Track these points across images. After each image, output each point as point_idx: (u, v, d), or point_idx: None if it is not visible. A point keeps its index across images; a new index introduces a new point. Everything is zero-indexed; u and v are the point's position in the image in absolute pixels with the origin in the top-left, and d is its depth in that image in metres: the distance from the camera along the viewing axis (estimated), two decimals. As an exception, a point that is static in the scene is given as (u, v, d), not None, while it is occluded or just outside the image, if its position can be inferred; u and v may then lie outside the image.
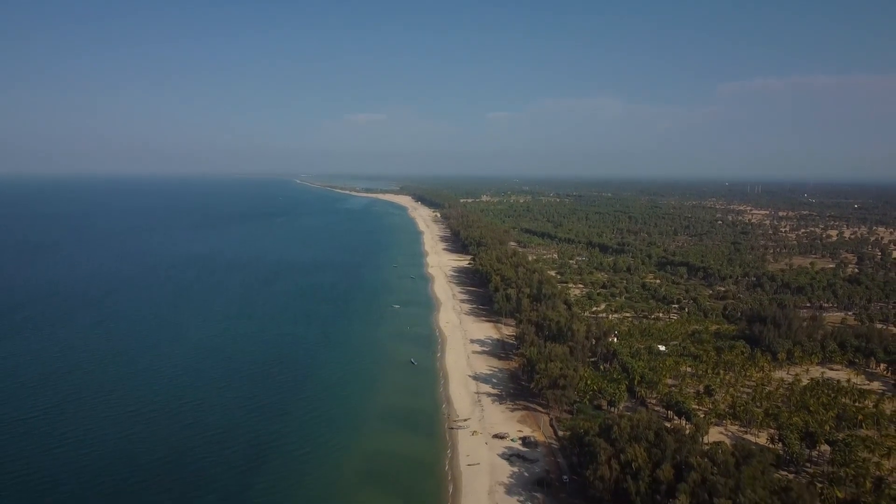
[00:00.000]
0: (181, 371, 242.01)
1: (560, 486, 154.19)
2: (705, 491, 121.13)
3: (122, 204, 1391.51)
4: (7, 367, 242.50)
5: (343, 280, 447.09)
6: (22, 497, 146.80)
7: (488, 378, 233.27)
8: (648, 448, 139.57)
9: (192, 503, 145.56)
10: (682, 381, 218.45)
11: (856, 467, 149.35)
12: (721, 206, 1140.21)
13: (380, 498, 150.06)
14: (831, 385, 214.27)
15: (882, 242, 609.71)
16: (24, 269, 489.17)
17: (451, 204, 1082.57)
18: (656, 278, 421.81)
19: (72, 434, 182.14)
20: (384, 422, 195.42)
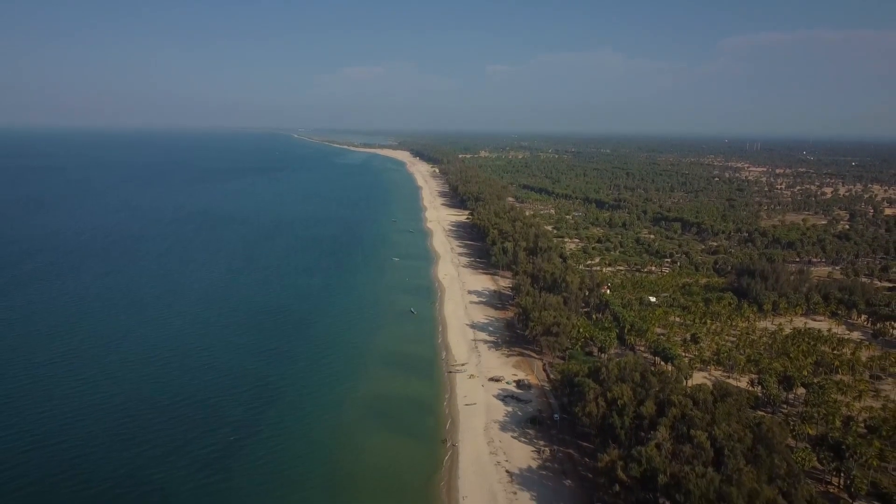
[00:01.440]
0: (189, 319, 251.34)
1: (551, 423, 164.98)
2: (684, 425, 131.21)
3: (117, 158, 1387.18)
4: (21, 316, 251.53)
5: (343, 234, 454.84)
6: (45, 434, 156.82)
7: (485, 326, 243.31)
8: (634, 388, 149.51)
9: (207, 436, 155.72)
10: (670, 330, 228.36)
11: (827, 407, 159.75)
12: (719, 163, 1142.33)
13: (383, 434, 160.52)
14: (812, 334, 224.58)
15: (875, 199, 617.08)
16: (24, 221, 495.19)
17: (450, 159, 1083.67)
18: (651, 233, 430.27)
19: (89, 377, 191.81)
20: (386, 366, 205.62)
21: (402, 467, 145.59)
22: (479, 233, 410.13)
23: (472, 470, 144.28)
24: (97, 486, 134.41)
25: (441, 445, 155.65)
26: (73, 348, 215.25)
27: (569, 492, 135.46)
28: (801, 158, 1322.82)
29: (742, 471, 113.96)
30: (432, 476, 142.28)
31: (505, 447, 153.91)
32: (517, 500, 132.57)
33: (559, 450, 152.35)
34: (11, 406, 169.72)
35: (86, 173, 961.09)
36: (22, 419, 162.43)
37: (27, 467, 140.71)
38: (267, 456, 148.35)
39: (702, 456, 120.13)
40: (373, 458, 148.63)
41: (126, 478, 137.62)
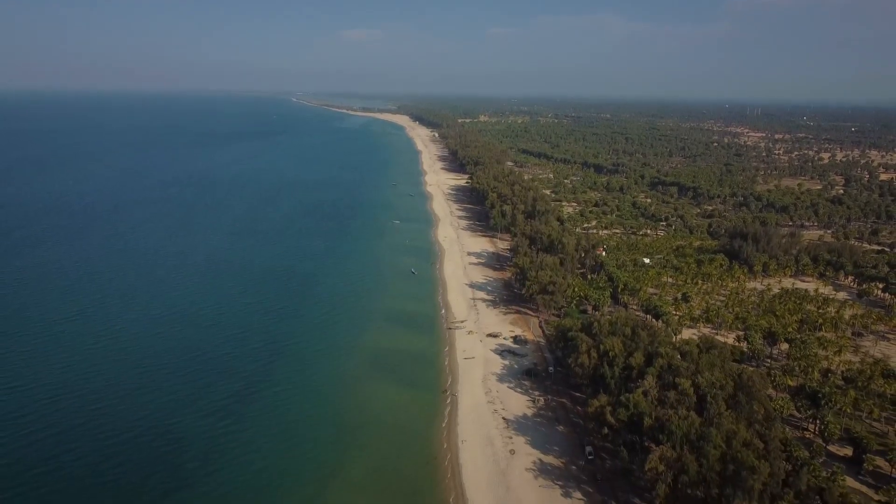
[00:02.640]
0: (196, 280, 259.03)
1: (546, 375, 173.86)
2: (670, 374, 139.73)
3: (115, 121, 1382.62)
4: (36, 275, 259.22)
5: (344, 198, 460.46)
6: (66, 385, 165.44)
7: (483, 286, 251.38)
8: (624, 341, 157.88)
9: (219, 387, 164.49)
10: (662, 289, 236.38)
11: (807, 360, 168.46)
12: (718, 129, 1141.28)
13: (386, 384, 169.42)
14: (799, 294, 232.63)
15: (872, 165, 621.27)
16: (28, 184, 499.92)
17: (450, 124, 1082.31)
18: (647, 197, 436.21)
19: (104, 333, 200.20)
20: (388, 323, 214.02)
21: (405, 414, 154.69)
22: (478, 196, 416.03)
23: (471, 417, 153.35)
24: (118, 432, 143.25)
25: (441, 395, 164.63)
26: (88, 306, 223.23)
27: (561, 436, 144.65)
28: (801, 124, 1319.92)
29: (722, 415, 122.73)
30: (433, 422, 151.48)
31: (502, 397, 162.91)
32: (513, 443, 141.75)
33: (553, 399, 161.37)
34: (34, 361, 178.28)
35: (85, 137, 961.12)
36: (44, 373, 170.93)
37: (53, 417, 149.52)
38: (277, 404, 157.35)
39: (685, 402, 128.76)
40: (377, 406, 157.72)
41: (145, 425, 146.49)
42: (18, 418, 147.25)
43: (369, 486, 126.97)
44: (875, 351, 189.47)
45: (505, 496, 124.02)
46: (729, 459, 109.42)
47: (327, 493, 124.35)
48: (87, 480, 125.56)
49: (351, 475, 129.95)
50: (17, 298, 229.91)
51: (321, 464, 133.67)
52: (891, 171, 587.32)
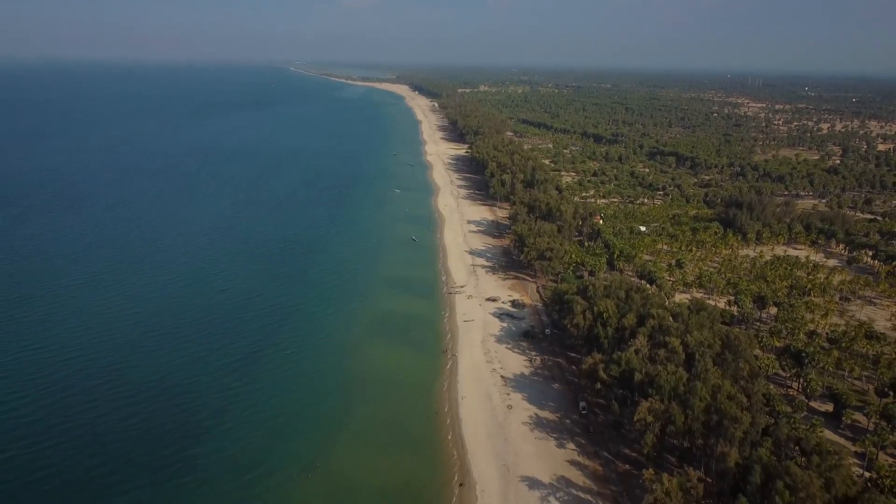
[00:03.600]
0: (202, 247, 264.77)
1: (543, 337, 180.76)
2: (661, 334, 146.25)
3: (113, 91, 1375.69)
4: (44, 242, 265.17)
5: (345, 167, 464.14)
6: (81, 346, 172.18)
7: (483, 253, 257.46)
8: (618, 303, 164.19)
9: (229, 347, 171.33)
10: (657, 256, 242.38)
11: (794, 323, 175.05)
12: (719, 99, 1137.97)
13: (389, 345, 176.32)
14: (790, 260, 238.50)
15: (870, 135, 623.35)
16: (30, 154, 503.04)
17: (449, 94, 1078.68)
18: (645, 167, 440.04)
19: (114, 298, 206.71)
20: (390, 288, 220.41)
21: (407, 373, 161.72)
22: (477, 166, 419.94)
23: (471, 375, 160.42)
24: (135, 389, 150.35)
25: (442, 355, 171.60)
26: (97, 272, 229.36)
27: (556, 393, 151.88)
28: (802, 95, 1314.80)
29: (709, 371, 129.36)
30: (435, 380, 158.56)
31: (500, 357, 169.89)
32: (510, 399, 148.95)
33: (549, 359, 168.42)
34: (51, 324, 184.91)
35: (84, 106, 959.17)
36: (62, 336, 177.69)
37: (72, 377, 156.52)
38: (285, 363, 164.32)
39: (674, 359, 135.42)
40: (381, 365, 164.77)
41: (161, 382, 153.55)
42: (40, 379, 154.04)
43: (374, 437, 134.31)
44: (861, 315, 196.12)
45: (503, 447, 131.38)
46: (713, 411, 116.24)
47: (335, 443, 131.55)
48: (108, 434, 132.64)
49: (356, 427, 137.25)
50: (30, 264, 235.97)
51: (328, 417, 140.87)
52: (889, 141, 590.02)
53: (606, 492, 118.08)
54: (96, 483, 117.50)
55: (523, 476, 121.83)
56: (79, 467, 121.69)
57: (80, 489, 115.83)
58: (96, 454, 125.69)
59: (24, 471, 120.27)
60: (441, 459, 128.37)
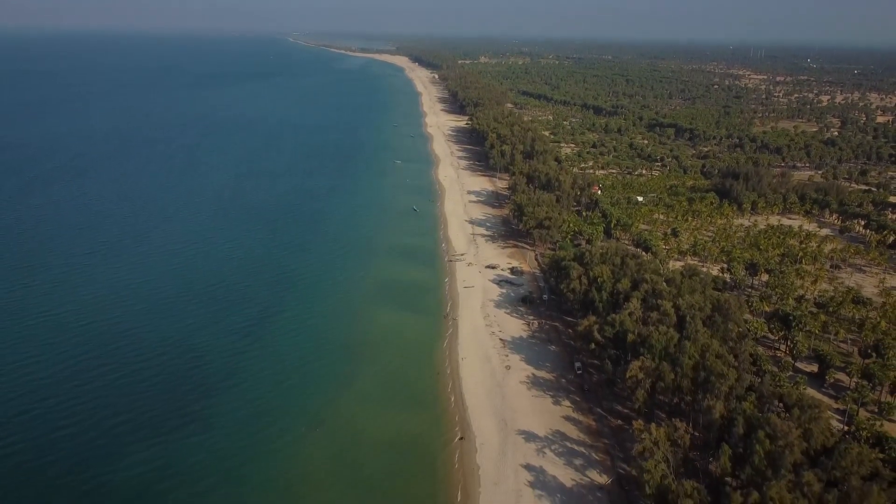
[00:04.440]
0: (207, 217, 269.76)
1: (540, 302, 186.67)
2: (654, 297, 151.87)
3: (112, 62, 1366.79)
4: (52, 213, 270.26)
5: (346, 139, 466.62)
6: (95, 311, 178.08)
7: (483, 222, 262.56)
8: (613, 269, 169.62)
9: (238, 312, 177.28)
10: (653, 225, 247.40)
11: (783, 288, 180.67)
12: (720, 71, 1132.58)
13: (392, 310, 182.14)
14: (783, 230, 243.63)
15: (870, 107, 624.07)
16: (31, 125, 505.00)
17: (449, 65, 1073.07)
18: (644, 139, 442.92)
19: (124, 265, 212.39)
20: (392, 256, 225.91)
21: (409, 336, 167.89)
22: (477, 137, 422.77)
23: (471, 338, 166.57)
24: (146, 351, 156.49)
25: (443, 320, 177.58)
26: (106, 241, 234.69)
27: (553, 354, 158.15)
28: (804, 66, 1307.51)
29: (699, 332, 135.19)
30: (436, 342, 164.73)
31: (499, 321, 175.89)
32: (509, 360, 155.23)
33: (546, 323, 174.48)
34: (62, 291, 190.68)
35: (83, 77, 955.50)
36: (74, 302, 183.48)
37: (86, 342, 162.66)
38: (291, 327, 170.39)
39: (666, 321, 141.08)
40: (384, 329, 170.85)
41: (171, 345, 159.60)
42: (57, 343, 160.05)
43: (378, 395, 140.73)
44: (850, 281, 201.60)
45: (501, 404, 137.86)
46: (701, 368, 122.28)
47: (340, 401, 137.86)
48: (126, 393, 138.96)
49: (361, 386, 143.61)
50: (39, 233, 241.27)
51: (334, 377, 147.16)
52: (888, 113, 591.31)
53: (599, 444, 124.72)
54: (116, 438, 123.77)
55: (520, 430, 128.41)
56: (99, 424, 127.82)
57: (101, 443, 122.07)
58: (116, 411, 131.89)
59: (48, 428, 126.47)
60: (443, 415, 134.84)
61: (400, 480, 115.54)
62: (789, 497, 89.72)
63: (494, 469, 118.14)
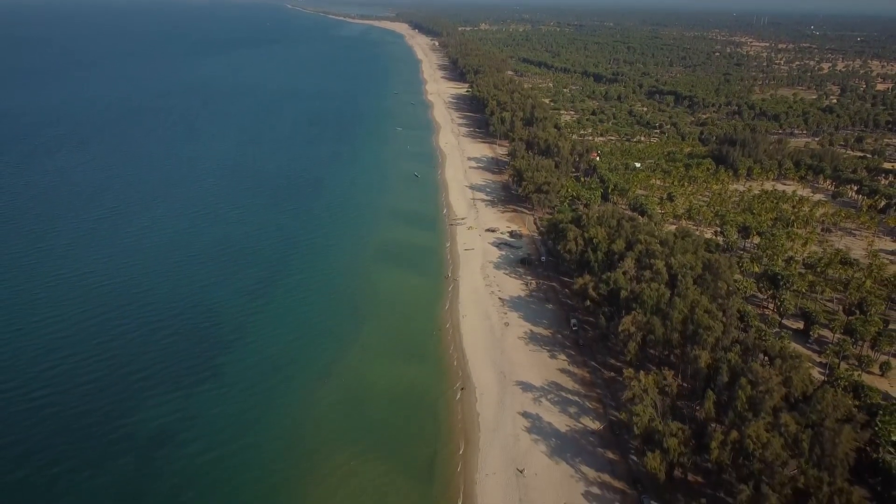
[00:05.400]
0: (212, 182, 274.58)
1: (539, 263, 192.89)
2: (647, 257, 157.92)
3: (108, 28, 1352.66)
4: (58, 180, 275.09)
5: (346, 107, 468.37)
6: (108, 271, 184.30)
7: (483, 187, 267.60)
8: (609, 231, 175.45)
9: (247, 273, 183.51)
10: (650, 191, 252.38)
11: (774, 250, 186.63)
12: (722, 38, 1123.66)
13: (394, 271, 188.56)
14: (777, 195, 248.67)
15: (871, 75, 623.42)
16: (31, 92, 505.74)
17: (450, 32, 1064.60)
18: (644, 106, 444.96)
19: (134, 229, 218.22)
20: (394, 220, 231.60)
21: (412, 295, 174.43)
22: (478, 104, 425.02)
23: (471, 298, 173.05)
24: (161, 311, 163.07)
25: (444, 280, 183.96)
26: (113, 208, 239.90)
27: (550, 312, 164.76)
28: (807, 34, 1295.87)
29: (689, 289, 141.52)
30: (438, 301, 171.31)
31: (498, 281, 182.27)
32: (507, 318, 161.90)
33: (544, 283, 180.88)
34: (76, 255, 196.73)
35: (81, 44, 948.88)
36: (87, 265, 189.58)
37: (99, 300, 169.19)
38: (298, 287, 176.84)
39: (658, 279, 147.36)
40: (387, 289, 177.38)
41: (184, 304, 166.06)
42: (72, 303, 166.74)
43: (383, 349, 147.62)
44: (840, 244, 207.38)
45: (500, 357, 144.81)
46: (690, 322, 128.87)
47: (347, 355, 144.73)
48: (142, 349, 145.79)
49: (366, 341, 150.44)
50: (48, 200, 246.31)
51: (340, 333, 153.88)
52: (888, 81, 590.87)
53: (592, 394, 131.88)
54: (138, 391, 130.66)
55: (518, 381, 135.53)
56: (122, 378, 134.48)
57: (124, 397, 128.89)
58: (136, 367, 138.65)
59: (75, 382, 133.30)
60: (444, 368, 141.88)
61: (405, 427, 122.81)
62: (766, 435, 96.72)
63: (493, 416, 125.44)
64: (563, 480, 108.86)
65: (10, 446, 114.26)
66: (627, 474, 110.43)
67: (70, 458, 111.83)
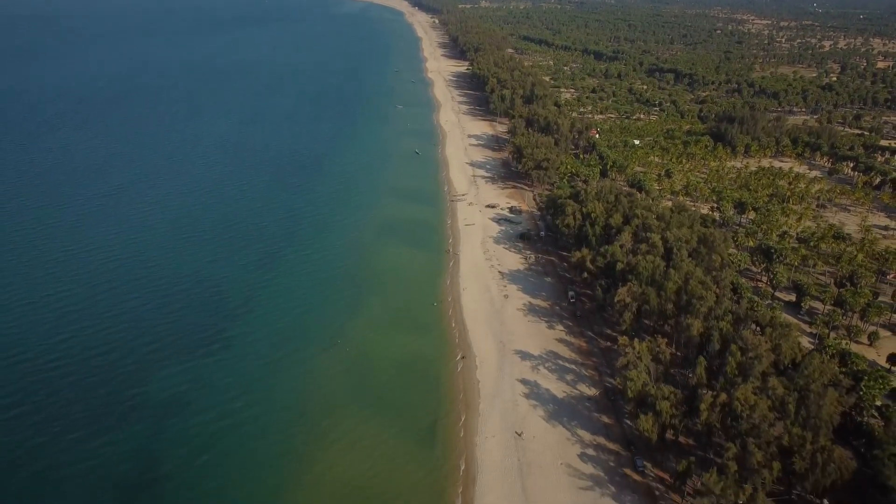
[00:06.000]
0: (215, 159, 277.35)
1: (538, 238, 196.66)
2: (644, 231, 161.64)
3: (105, 6, 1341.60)
4: (63, 156, 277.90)
5: (347, 85, 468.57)
6: (118, 238, 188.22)
7: (483, 164, 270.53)
8: (607, 206, 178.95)
9: (252, 248, 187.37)
10: (649, 167, 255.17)
11: (769, 224, 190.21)
12: (724, 15, 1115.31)
13: (397, 245, 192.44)
14: (774, 171, 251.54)
15: (872, 53, 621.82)
16: (32, 70, 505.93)
17: (450, 10, 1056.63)
18: (644, 84, 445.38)
19: (142, 203, 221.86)
20: (396, 196, 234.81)
21: (413, 269, 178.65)
22: (478, 82, 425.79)
23: (472, 271, 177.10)
24: (170, 283, 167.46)
25: (445, 255, 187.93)
26: (119, 184, 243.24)
27: (548, 285, 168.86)
28: (809, 11, 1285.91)
29: (683, 261, 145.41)
30: (439, 275, 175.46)
31: (498, 255, 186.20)
32: (507, 290, 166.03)
33: (542, 257, 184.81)
34: (86, 229, 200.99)
35: (81, 22, 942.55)
36: (94, 238, 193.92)
37: (110, 272, 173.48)
38: (302, 261, 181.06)
39: (654, 252, 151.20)
40: (389, 262, 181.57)
41: (192, 277, 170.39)
42: (84, 276, 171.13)
43: (386, 321, 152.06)
44: (834, 220, 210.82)
45: (499, 328, 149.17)
46: (684, 293, 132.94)
47: (351, 326, 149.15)
48: (154, 320, 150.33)
49: (370, 313, 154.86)
50: (53, 176, 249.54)
51: (344, 305, 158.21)
52: (889, 59, 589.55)
53: (589, 363, 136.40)
54: (149, 360, 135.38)
55: (517, 350, 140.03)
56: (133, 349, 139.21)
57: (136, 365, 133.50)
58: (146, 337, 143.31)
59: (90, 353, 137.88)
60: (445, 338, 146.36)
61: (409, 394, 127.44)
62: (754, 398, 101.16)
63: (493, 383, 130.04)
64: (559, 442, 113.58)
65: (30, 414, 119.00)
66: (621, 437, 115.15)
67: (88, 425, 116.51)
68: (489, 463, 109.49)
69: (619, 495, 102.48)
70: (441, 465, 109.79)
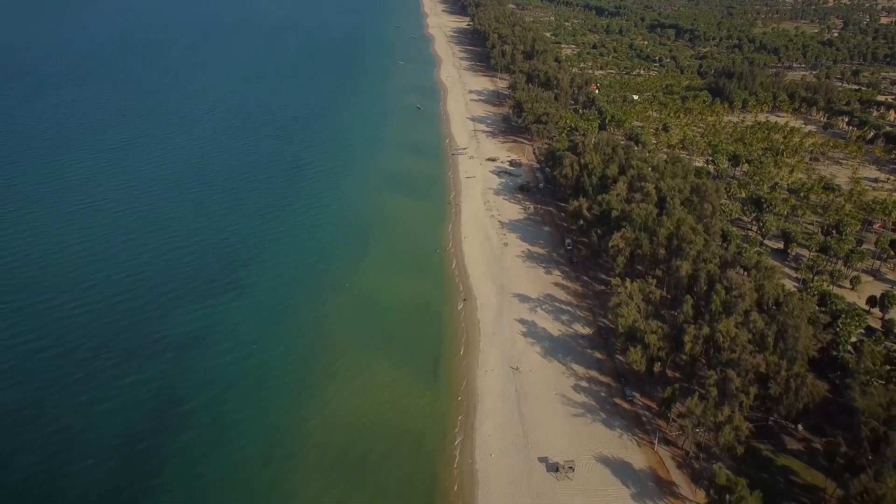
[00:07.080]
0: (219, 115, 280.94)
1: (537, 190, 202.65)
2: (639, 181, 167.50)
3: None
4: (69, 110, 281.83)
5: (348, 41, 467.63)
6: (127, 197, 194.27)
7: (483, 119, 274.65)
8: (604, 158, 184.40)
9: (259, 199, 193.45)
10: (647, 122, 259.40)
11: (761, 176, 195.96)
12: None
13: (400, 197, 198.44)
14: (769, 125, 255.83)
15: (875, 8, 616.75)
16: (30, 28, 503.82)
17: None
18: (645, 40, 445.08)
19: (149, 157, 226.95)
20: (398, 150, 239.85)
21: (416, 218, 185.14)
22: (479, 38, 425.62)
23: (472, 221, 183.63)
24: (181, 233, 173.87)
25: (447, 205, 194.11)
26: (127, 139, 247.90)
27: (546, 234, 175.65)
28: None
29: (676, 209, 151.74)
30: (441, 224, 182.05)
31: (498, 206, 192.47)
32: (506, 239, 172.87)
33: (541, 208, 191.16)
34: (99, 181, 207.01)
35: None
36: (108, 191, 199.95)
37: (126, 223, 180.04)
38: (308, 210, 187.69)
39: (648, 200, 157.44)
40: (393, 212, 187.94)
41: (203, 227, 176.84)
42: (100, 227, 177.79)
43: (391, 266, 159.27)
44: (826, 172, 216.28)
45: (499, 273, 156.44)
46: (675, 238, 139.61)
47: (358, 271, 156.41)
48: (170, 267, 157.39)
49: (376, 259, 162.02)
50: (61, 132, 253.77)
51: (351, 252, 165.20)
52: (893, 14, 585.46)
53: (584, 304, 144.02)
54: (166, 304, 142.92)
55: (515, 293, 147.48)
56: (150, 293, 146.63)
57: (155, 308, 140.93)
58: (163, 283, 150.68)
59: (110, 294, 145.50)
60: (448, 282, 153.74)
61: (413, 332, 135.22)
62: (735, 331, 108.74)
63: (493, 323, 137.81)
64: (554, 376, 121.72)
65: (59, 357, 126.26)
66: (613, 371, 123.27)
67: (111, 361, 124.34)
68: (488, 393, 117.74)
69: (610, 421, 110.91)
70: (444, 394, 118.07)
